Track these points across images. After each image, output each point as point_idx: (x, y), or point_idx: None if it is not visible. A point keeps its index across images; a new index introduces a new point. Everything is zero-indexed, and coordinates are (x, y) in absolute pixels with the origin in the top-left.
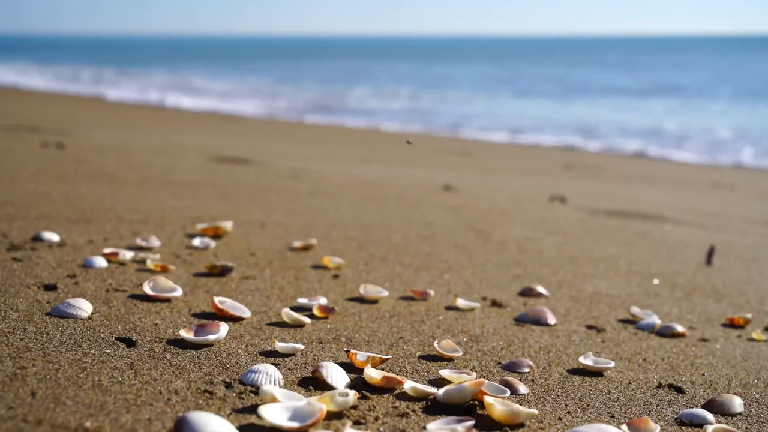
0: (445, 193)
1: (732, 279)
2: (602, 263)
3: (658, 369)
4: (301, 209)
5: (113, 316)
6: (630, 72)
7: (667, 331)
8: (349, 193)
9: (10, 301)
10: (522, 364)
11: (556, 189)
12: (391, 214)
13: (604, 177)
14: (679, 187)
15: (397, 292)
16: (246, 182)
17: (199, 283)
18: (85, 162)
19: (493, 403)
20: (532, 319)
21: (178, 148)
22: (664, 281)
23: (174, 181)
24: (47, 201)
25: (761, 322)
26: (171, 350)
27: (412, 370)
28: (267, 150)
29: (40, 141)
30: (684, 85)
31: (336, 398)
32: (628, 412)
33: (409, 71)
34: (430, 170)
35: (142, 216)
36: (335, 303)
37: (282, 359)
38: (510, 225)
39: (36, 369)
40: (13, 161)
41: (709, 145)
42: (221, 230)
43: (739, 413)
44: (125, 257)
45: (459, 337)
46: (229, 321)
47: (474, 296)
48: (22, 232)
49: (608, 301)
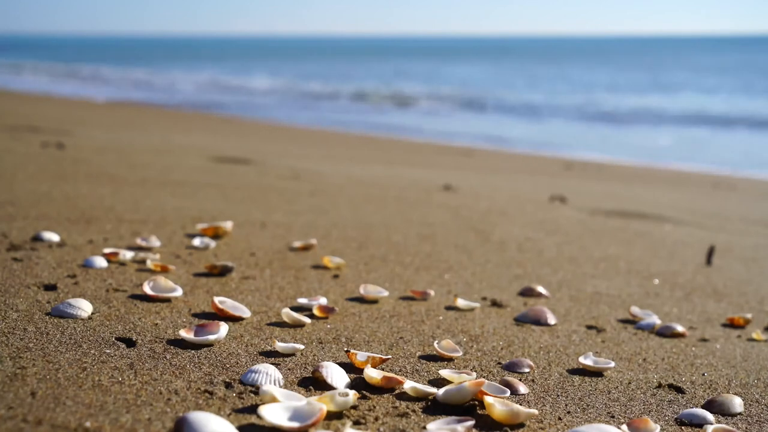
0: (445, 193)
1: (732, 279)
2: (602, 263)
3: (658, 369)
4: (301, 209)
5: (113, 316)
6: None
7: (667, 331)
8: (349, 193)
9: (10, 301)
10: (522, 364)
11: (556, 189)
12: (391, 214)
13: (604, 177)
14: (679, 187)
15: (397, 292)
16: (246, 182)
17: (199, 283)
18: (85, 162)
19: (493, 403)
20: (532, 319)
21: (178, 148)
22: (664, 281)
23: (174, 181)
24: (47, 201)
25: (761, 322)
26: (171, 350)
27: (412, 370)
28: (267, 150)
29: (40, 141)
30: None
31: (336, 398)
32: (628, 412)
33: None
34: (430, 170)
35: (142, 216)
36: (335, 303)
37: (282, 359)
38: (510, 225)
39: (36, 369)
40: (13, 161)
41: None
42: (221, 230)
43: (739, 413)
44: (125, 257)
45: (459, 337)
46: (229, 321)
47: (474, 296)
48: (22, 232)
49: (608, 301)
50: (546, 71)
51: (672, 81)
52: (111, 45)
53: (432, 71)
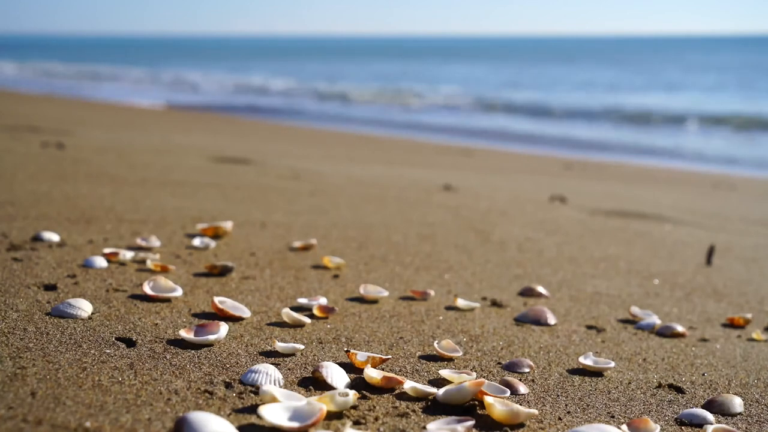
0: (445, 193)
1: (732, 279)
2: (602, 263)
3: (658, 369)
4: (301, 209)
5: (113, 316)
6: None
7: (667, 331)
8: (349, 193)
9: (10, 301)
10: (522, 364)
11: (556, 189)
12: (391, 214)
13: (604, 177)
14: (679, 187)
15: (397, 292)
16: (246, 182)
17: (199, 283)
18: (85, 162)
19: (493, 403)
20: (532, 319)
21: (178, 148)
22: (664, 281)
23: (174, 181)
24: (47, 201)
25: (761, 322)
26: (171, 350)
27: (412, 370)
28: (267, 150)
29: (40, 141)
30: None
31: (336, 398)
32: (628, 412)
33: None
34: (430, 170)
35: (142, 216)
36: (335, 303)
37: (282, 359)
38: (510, 225)
39: (36, 369)
40: (13, 161)
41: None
42: (221, 230)
43: (739, 413)
44: (125, 257)
45: (459, 337)
46: (229, 321)
47: (474, 296)
48: (22, 232)
49: (608, 301)
50: (557, 71)
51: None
52: (111, 45)
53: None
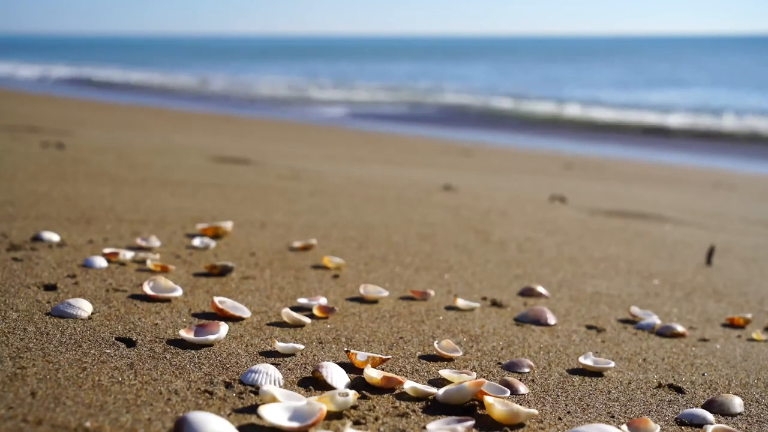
0: (445, 193)
1: (732, 279)
2: (602, 263)
3: (658, 369)
4: (301, 209)
5: (113, 316)
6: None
7: (667, 331)
8: (349, 193)
9: (10, 301)
10: (522, 364)
11: (556, 189)
12: (391, 214)
13: (604, 177)
14: (679, 187)
15: (397, 292)
16: (246, 182)
17: (199, 283)
18: (85, 162)
19: (493, 403)
20: (532, 319)
21: (178, 148)
22: (664, 281)
23: (174, 181)
24: (47, 201)
25: (761, 322)
26: (171, 350)
27: (412, 370)
28: (267, 150)
29: (40, 141)
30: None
31: (336, 398)
32: (628, 412)
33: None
34: (430, 170)
35: (142, 216)
36: (335, 303)
37: (282, 359)
38: (510, 225)
39: (36, 369)
40: (13, 161)
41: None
42: (221, 230)
43: (739, 413)
44: (125, 257)
45: (459, 337)
46: (229, 321)
47: (474, 296)
48: (22, 232)
49: (608, 301)
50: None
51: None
52: (111, 45)
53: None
